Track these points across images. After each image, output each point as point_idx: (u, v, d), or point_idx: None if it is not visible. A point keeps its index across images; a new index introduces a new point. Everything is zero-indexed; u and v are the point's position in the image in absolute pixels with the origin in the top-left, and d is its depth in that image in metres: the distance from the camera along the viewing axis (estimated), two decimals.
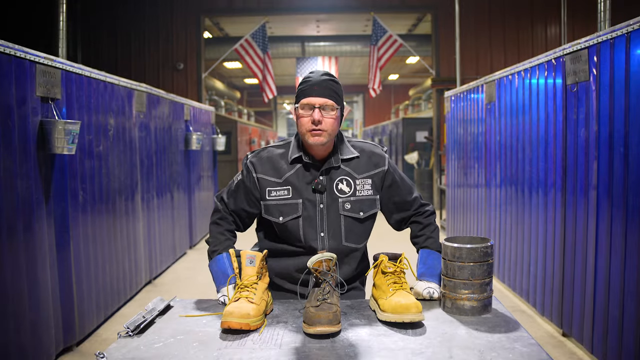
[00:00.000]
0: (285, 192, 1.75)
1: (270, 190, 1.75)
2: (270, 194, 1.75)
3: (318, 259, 1.53)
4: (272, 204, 1.76)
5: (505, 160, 4.46)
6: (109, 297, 3.85)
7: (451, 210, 6.47)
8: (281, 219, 1.75)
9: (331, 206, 1.75)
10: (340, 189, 1.75)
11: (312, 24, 12.20)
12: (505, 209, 4.45)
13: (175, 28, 9.77)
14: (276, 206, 1.76)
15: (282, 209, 1.75)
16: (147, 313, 1.53)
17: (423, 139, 11.22)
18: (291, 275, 1.79)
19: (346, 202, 1.75)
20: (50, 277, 2.99)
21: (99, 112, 3.74)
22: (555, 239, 3.49)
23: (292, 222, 1.75)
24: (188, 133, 6.17)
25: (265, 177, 1.76)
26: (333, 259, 1.56)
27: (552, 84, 3.52)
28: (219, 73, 15.92)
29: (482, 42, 9.60)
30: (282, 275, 1.81)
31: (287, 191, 1.75)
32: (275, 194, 1.75)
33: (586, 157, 3.07)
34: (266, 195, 1.76)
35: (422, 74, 15.60)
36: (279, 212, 1.76)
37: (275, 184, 1.75)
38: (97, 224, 3.67)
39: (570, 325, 3.25)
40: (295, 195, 1.74)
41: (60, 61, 3.16)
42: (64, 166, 3.19)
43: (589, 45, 3.00)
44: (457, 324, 1.49)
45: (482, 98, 5.04)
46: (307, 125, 1.67)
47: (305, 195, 1.74)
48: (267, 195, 1.76)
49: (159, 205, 5.14)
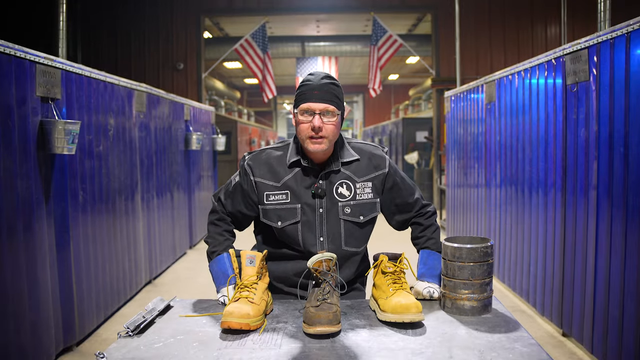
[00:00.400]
0: (283, 197, 1.71)
1: (269, 194, 1.72)
2: (268, 199, 1.72)
3: (318, 258, 1.53)
4: (270, 209, 1.72)
5: (505, 160, 4.46)
6: (109, 297, 3.85)
7: (451, 210, 6.47)
8: (279, 223, 1.72)
9: (331, 210, 1.72)
10: (340, 193, 1.71)
11: (312, 24, 12.21)
12: (505, 209, 4.45)
13: (175, 28, 9.78)
14: (274, 211, 1.72)
15: (281, 214, 1.72)
16: (147, 313, 1.53)
17: (423, 139, 11.22)
18: (290, 279, 1.77)
19: (346, 207, 1.71)
20: (50, 277, 2.99)
21: (99, 112, 3.74)
22: (555, 239, 3.49)
23: (290, 227, 1.72)
24: (188, 133, 6.17)
25: (263, 181, 1.72)
26: (333, 259, 1.56)
27: (552, 84, 3.52)
28: (219, 73, 15.92)
29: (482, 42, 9.61)
30: (281, 279, 1.79)
31: (286, 195, 1.71)
32: (274, 198, 1.71)
33: (586, 157, 3.07)
34: (264, 200, 1.72)
35: (422, 74, 15.60)
36: (277, 217, 1.72)
37: (273, 188, 1.71)
38: (97, 223, 3.67)
39: (570, 325, 3.25)
40: (294, 200, 1.70)
41: (60, 61, 3.16)
42: (64, 166, 3.19)
43: (589, 45, 3.00)
44: (457, 324, 1.49)
45: (482, 98, 5.04)
46: (306, 132, 1.62)
47: (304, 200, 1.70)
48: (266, 200, 1.72)
49: (159, 205, 5.14)
